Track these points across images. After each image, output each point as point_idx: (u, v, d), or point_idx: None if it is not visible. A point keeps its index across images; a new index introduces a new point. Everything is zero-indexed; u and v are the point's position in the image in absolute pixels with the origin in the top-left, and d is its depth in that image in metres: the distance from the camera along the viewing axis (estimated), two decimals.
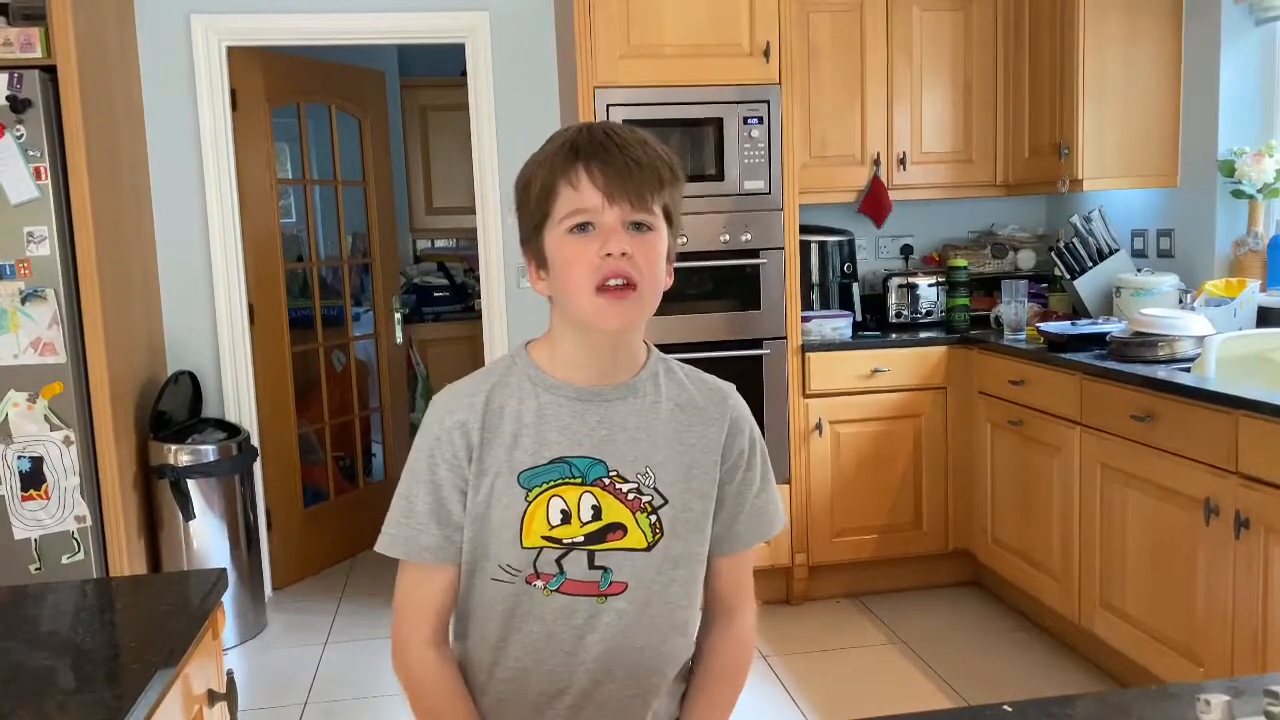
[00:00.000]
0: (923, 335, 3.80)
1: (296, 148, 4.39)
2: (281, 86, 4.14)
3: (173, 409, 3.60)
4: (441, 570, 1.22)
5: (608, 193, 1.14)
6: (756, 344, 3.59)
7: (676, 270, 1.24)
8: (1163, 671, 2.71)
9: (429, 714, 1.24)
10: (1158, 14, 3.47)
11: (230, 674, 1.45)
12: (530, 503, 1.18)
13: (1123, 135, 3.50)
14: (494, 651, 1.23)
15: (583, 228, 1.15)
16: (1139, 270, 3.59)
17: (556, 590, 1.18)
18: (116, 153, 3.42)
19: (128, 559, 3.22)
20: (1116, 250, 3.71)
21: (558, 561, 1.18)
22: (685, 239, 3.48)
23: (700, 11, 3.45)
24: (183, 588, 1.48)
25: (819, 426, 3.64)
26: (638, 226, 1.16)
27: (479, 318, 4.12)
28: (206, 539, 3.50)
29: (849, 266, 4.03)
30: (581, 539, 1.18)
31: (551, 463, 1.18)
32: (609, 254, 1.13)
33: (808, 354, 3.62)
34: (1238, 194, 3.31)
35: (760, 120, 3.53)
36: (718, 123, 3.52)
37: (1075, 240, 3.74)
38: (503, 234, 3.93)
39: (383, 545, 1.22)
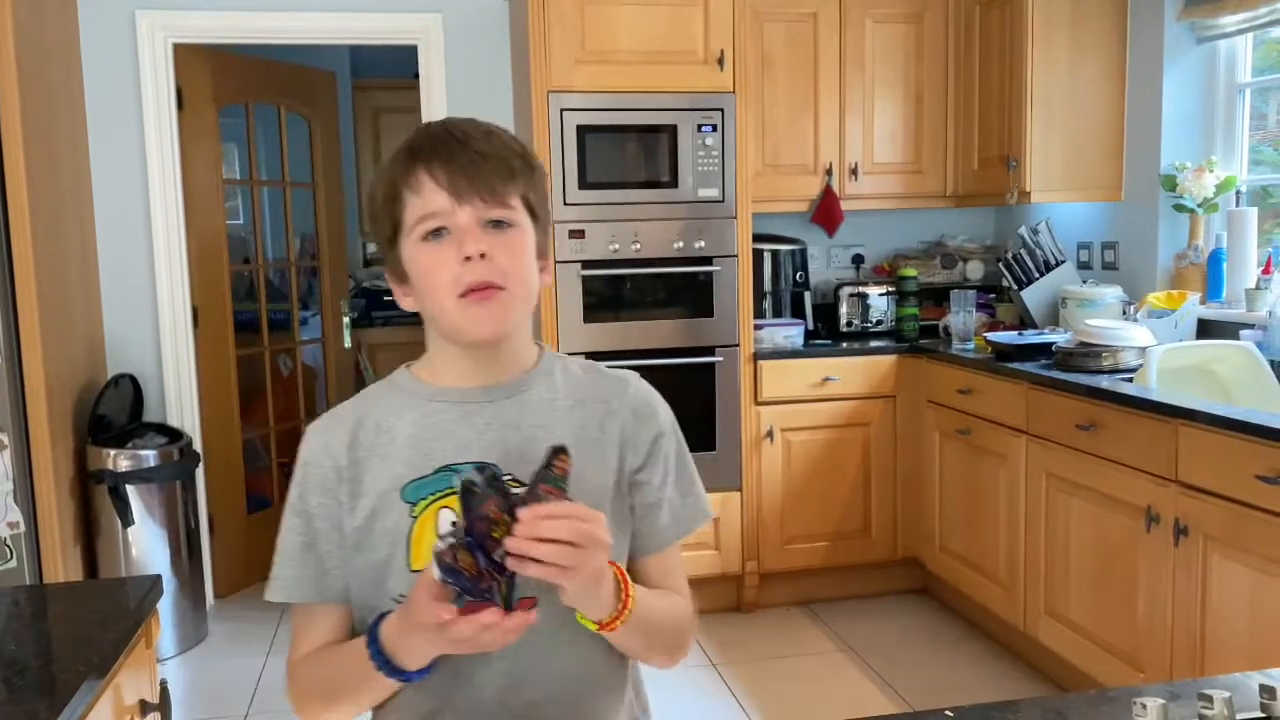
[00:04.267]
0: (873, 344, 3.83)
1: (244, 148, 4.32)
2: (229, 86, 4.07)
3: (112, 413, 3.51)
4: (328, 610, 1.13)
5: (453, 191, 1.05)
6: (709, 351, 3.60)
7: (630, 277, 1.21)
8: (1105, 677, 2.75)
9: (324, 685, 1.11)
10: (1103, 32, 3.54)
11: (164, 684, 1.41)
12: (416, 518, 1.07)
13: (1069, 149, 3.56)
14: (408, 700, 1.10)
15: (436, 233, 1.06)
16: (1084, 282, 3.65)
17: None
18: (56, 150, 3.34)
19: (63, 566, 3.14)
20: (1063, 262, 3.77)
21: None
22: (639, 245, 3.48)
23: (655, 18, 3.46)
24: (116, 595, 1.44)
25: (770, 434, 3.65)
26: (496, 224, 1.07)
27: None
28: (146, 546, 3.42)
29: (801, 275, 4.05)
30: None
31: (436, 472, 1.08)
32: (467, 257, 1.05)
33: (760, 362, 3.64)
34: (1179, 208, 3.38)
35: (714, 128, 3.55)
36: (672, 130, 3.52)
37: (1023, 252, 3.80)
38: None
39: (268, 593, 1.12)
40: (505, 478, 1.03)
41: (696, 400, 3.60)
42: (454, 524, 0.96)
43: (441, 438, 1.10)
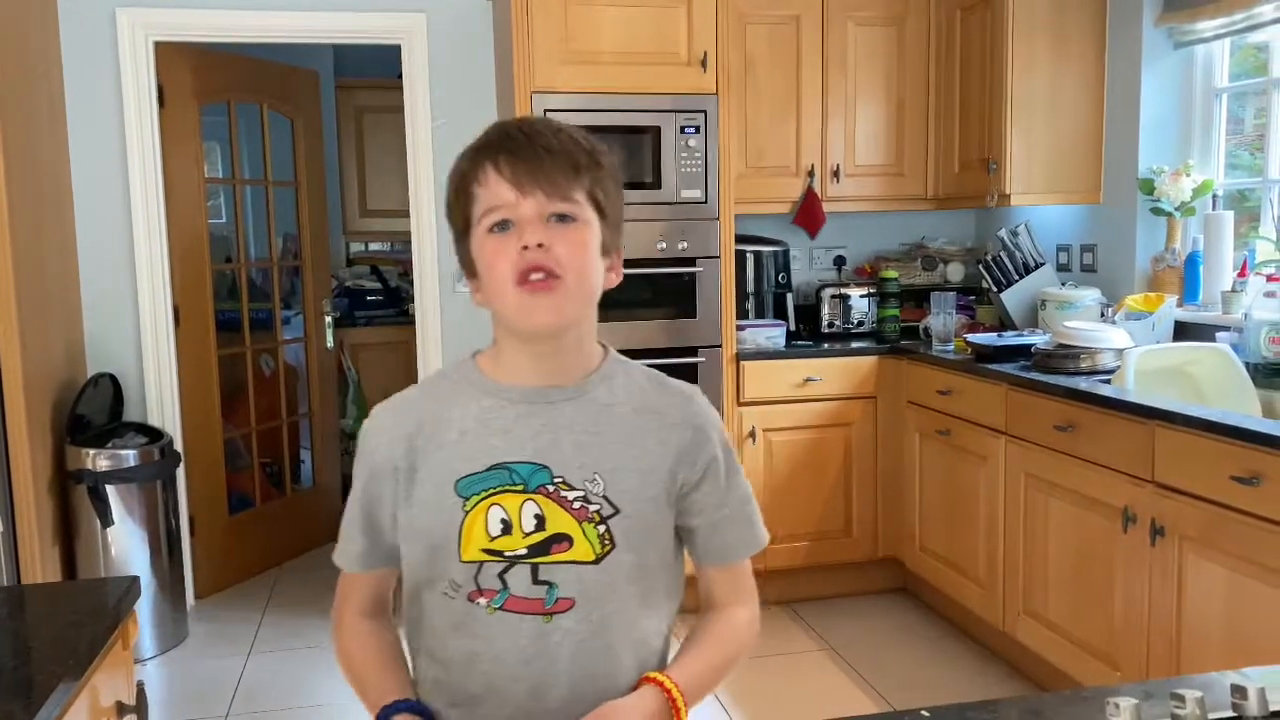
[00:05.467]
0: (854, 345, 3.84)
1: (226, 147, 4.30)
2: (211, 84, 4.05)
3: (92, 412, 3.49)
4: (369, 576, 1.22)
5: (517, 184, 1.08)
6: (692, 352, 3.61)
7: None
8: (1083, 676, 2.77)
9: (354, 683, 1.20)
10: (1083, 36, 3.57)
11: (140, 685, 1.40)
12: (468, 512, 1.10)
13: (1049, 152, 3.59)
14: (444, 673, 1.15)
15: (502, 226, 1.09)
16: (1063, 284, 3.68)
17: (500, 608, 1.10)
18: (35, 148, 3.32)
19: (41, 567, 3.11)
20: (1042, 264, 3.80)
21: (500, 576, 1.10)
22: (624, 244, 3.47)
23: (639, 19, 3.46)
24: (93, 596, 1.43)
25: (752, 435, 3.66)
26: (561, 218, 1.09)
27: (413, 322, 4.07)
28: (125, 546, 3.39)
29: (783, 276, 4.06)
30: (524, 551, 1.09)
31: (490, 469, 1.10)
32: (525, 246, 1.07)
33: (742, 362, 3.65)
34: (1157, 211, 3.41)
35: (697, 130, 3.55)
36: (655, 131, 3.53)
37: (1002, 254, 3.82)
38: (437, 237, 3.89)
39: (334, 556, 1.22)
40: (557, 480, 1.09)
41: None
42: None
43: (498, 435, 1.12)
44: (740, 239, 3.78)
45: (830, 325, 4.07)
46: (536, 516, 1.10)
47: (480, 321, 1.21)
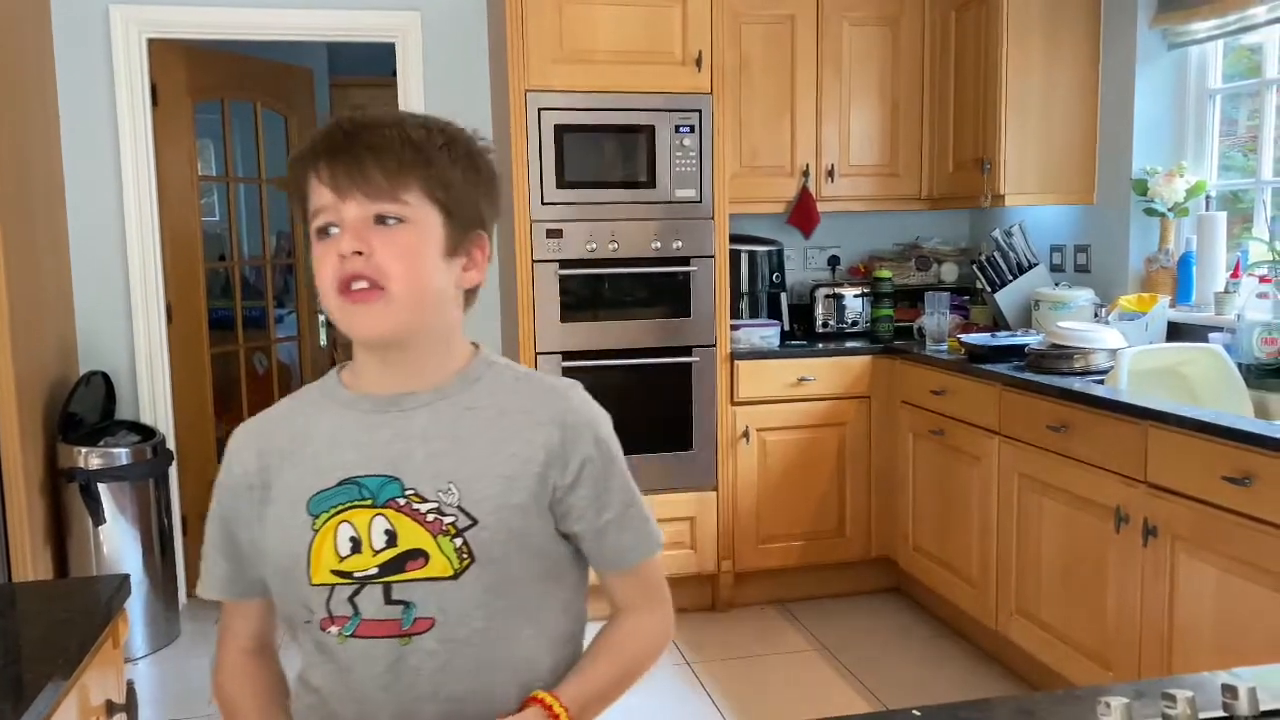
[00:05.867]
0: (848, 345, 3.84)
1: (220, 144, 4.29)
2: (205, 81, 4.04)
3: (84, 410, 3.48)
4: (249, 607, 1.16)
5: (335, 187, 1.01)
6: (686, 351, 3.61)
7: (608, 276, 1.18)
8: (1075, 676, 2.77)
9: (221, 706, 1.15)
10: (1077, 37, 3.58)
11: (131, 684, 1.40)
12: (317, 531, 1.04)
13: (1043, 153, 3.59)
14: (317, 701, 1.09)
15: (325, 231, 1.03)
16: (1057, 284, 3.68)
17: (351, 635, 1.03)
18: (28, 144, 3.30)
19: (33, 565, 3.10)
20: (1035, 265, 3.80)
21: (351, 600, 1.03)
22: (616, 245, 3.48)
23: (634, 18, 3.46)
24: (84, 594, 1.43)
25: (746, 434, 3.66)
26: (383, 220, 1.02)
27: None
28: (117, 545, 3.38)
29: (777, 276, 4.06)
30: (375, 570, 1.02)
31: (340, 484, 1.04)
32: (342, 255, 1.01)
33: (736, 362, 3.65)
34: (1150, 212, 3.42)
35: (692, 129, 3.55)
36: (650, 130, 3.52)
37: (996, 254, 3.83)
38: None
39: (197, 588, 1.17)
40: (408, 493, 1.02)
41: (673, 400, 3.60)
42: None
43: (349, 447, 1.06)
44: (734, 238, 3.78)
45: (824, 325, 4.07)
46: (387, 532, 1.03)
47: (472, 320, 1.18)
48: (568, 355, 3.49)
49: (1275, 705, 0.92)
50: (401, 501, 1.03)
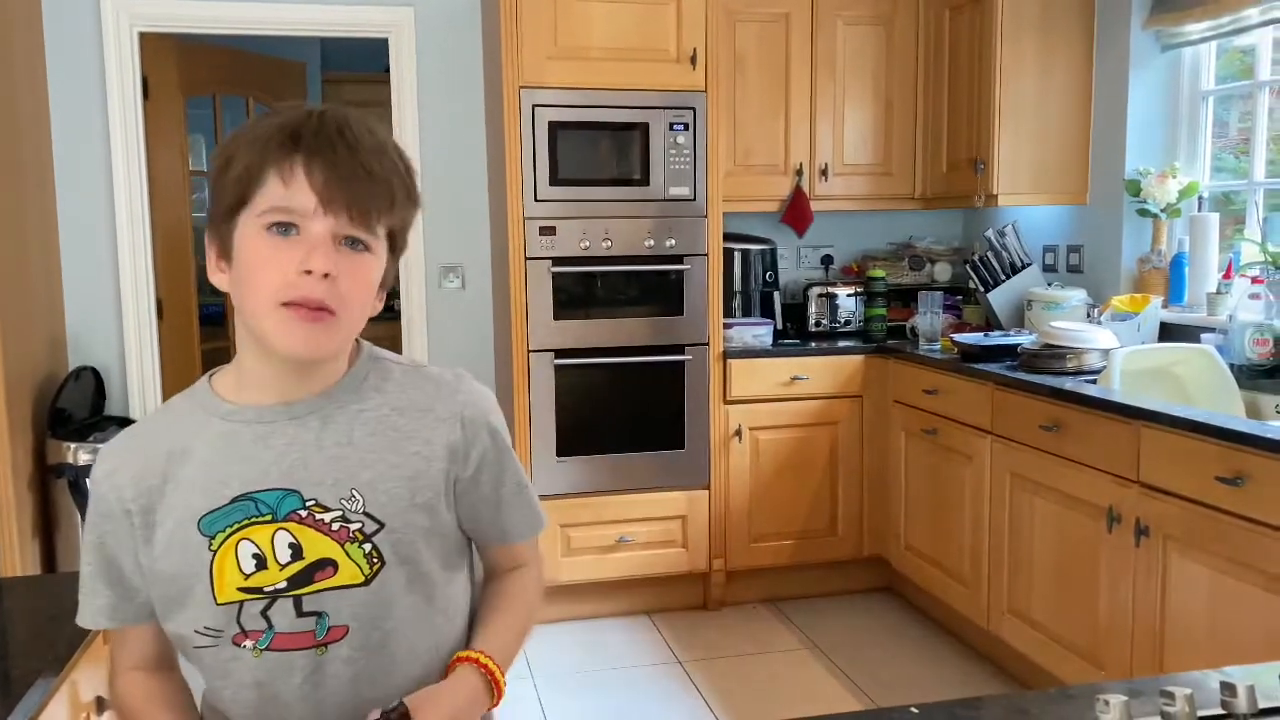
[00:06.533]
0: (841, 344, 3.84)
1: (212, 139, 4.27)
2: (197, 76, 4.02)
3: (73, 406, 3.46)
4: (138, 632, 1.10)
5: (325, 198, 0.96)
6: (679, 349, 3.60)
7: (601, 274, 1.18)
8: (1067, 675, 2.78)
9: None
10: (1071, 38, 3.58)
11: None
12: (215, 552, 1.00)
13: (1036, 153, 3.60)
14: None
15: (285, 228, 0.97)
16: (1049, 284, 3.69)
17: (267, 648, 1.02)
18: (17, 138, 3.28)
19: (21, 561, 3.08)
20: (1028, 265, 3.81)
21: (263, 614, 1.01)
22: (610, 243, 3.47)
23: (628, 16, 3.45)
24: (73, 590, 1.41)
25: (739, 433, 3.66)
26: (352, 243, 0.99)
27: (398, 318, 4.05)
28: None
29: (771, 275, 4.06)
30: (284, 584, 1.01)
31: (234, 502, 1.01)
32: (309, 271, 0.96)
33: (729, 360, 3.64)
34: (1143, 213, 3.43)
35: (686, 127, 3.55)
36: (644, 128, 3.52)
37: (989, 254, 3.83)
38: (423, 233, 3.87)
39: (78, 618, 1.09)
40: (309, 503, 1.01)
41: (665, 398, 3.60)
42: None
43: (237, 462, 1.02)
44: (728, 237, 3.78)
45: (817, 324, 4.07)
46: (291, 546, 1.01)
47: (467, 316, 1.18)
48: (560, 353, 3.48)
49: (1273, 703, 0.92)
50: (303, 513, 1.01)
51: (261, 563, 1.00)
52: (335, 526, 1.01)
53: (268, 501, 1.01)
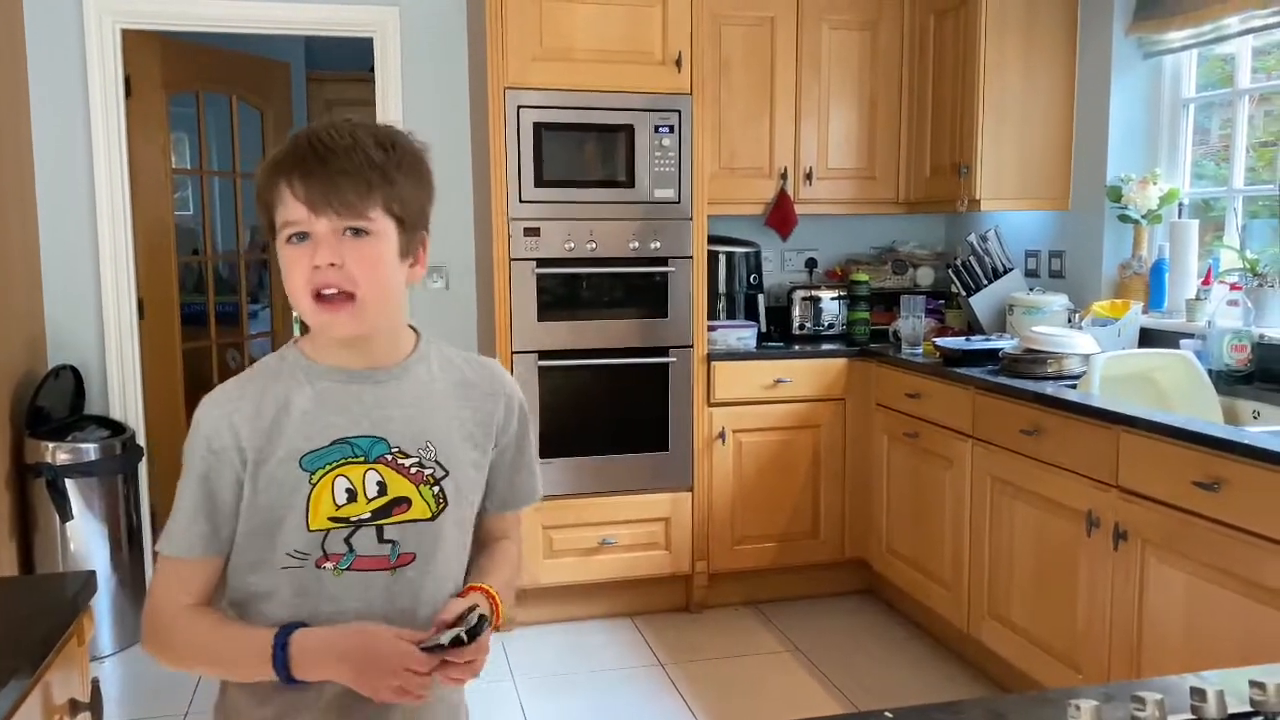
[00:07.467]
0: (824, 347, 3.86)
1: (194, 137, 4.25)
2: (180, 73, 4.00)
3: (52, 404, 3.43)
4: (205, 562, 1.21)
5: (310, 204, 1.14)
6: (663, 351, 3.60)
7: (585, 276, 1.28)
8: (1045, 679, 2.79)
9: (214, 656, 1.21)
10: (1054, 44, 3.60)
11: (95, 682, 1.38)
12: (314, 485, 1.19)
13: (1019, 158, 3.62)
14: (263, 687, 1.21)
15: (300, 237, 1.16)
16: (1031, 289, 3.71)
17: (347, 569, 1.20)
18: None
19: None
20: (1011, 269, 3.83)
21: (346, 540, 1.20)
22: (594, 245, 3.47)
23: (613, 18, 3.45)
24: (48, 591, 1.40)
25: (722, 435, 3.66)
26: (356, 232, 1.16)
27: None
28: (85, 541, 3.34)
29: (755, 278, 4.07)
30: (369, 515, 1.20)
31: (333, 444, 1.20)
32: (317, 265, 1.15)
33: (713, 363, 3.65)
34: (1124, 219, 3.45)
35: (671, 129, 3.55)
36: (629, 130, 3.52)
37: (972, 259, 3.85)
38: None
39: (160, 544, 1.21)
40: (393, 451, 1.21)
41: (649, 400, 3.60)
42: (459, 633, 1.15)
43: (335, 413, 1.21)
44: (712, 239, 3.78)
45: (801, 327, 4.08)
46: (379, 483, 1.21)
47: (451, 317, 1.25)
48: (544, 354, 3.48)
49: (1243, 708, 0.93)
50: (389, 457, 1.21)
51: (353, 496, 1.20)
52: (413, 470, 1.22)
53: (361, 445, 1.20)
